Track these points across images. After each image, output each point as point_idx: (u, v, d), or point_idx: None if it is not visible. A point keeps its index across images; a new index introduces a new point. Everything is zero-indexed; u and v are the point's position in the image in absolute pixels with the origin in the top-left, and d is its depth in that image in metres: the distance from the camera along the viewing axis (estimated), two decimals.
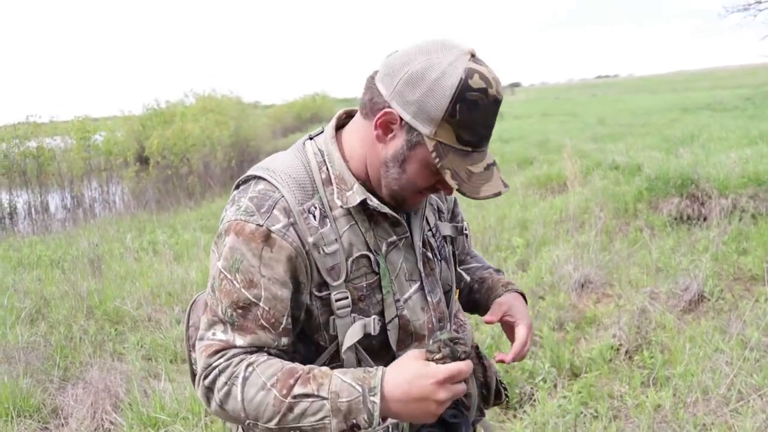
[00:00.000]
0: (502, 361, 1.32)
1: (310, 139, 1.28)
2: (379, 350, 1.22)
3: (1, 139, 13.99)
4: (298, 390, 1.09)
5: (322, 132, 1.28)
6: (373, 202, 1.18)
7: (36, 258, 7.29)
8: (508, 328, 1.39)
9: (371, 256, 1.20)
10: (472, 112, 1.08)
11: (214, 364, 1.14)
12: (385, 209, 1.20)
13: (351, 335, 1.18)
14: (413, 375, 1.08)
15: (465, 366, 1.10)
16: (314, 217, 1.16)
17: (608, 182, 7.63)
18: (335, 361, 1.21)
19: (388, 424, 1.21)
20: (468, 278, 1.52)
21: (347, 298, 1.18)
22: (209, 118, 17.78)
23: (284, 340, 1.17)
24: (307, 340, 1.24)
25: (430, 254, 1.32)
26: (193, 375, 1.44)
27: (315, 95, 43.50)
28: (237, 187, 1.25)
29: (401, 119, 1.12)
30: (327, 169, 1.21)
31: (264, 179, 1.19)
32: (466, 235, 1.50)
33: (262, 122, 24.01)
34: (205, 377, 1.14)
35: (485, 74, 1.09)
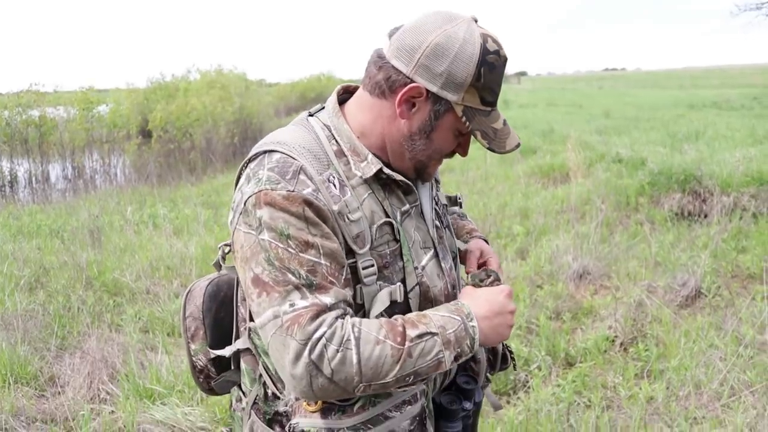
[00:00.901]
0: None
1: (310, 115, 1.28)
2: None
3: (4, 107, 13.95)
4: (411, 333, 1.10)
5: (322, 109, 1.28)
6: (388, 170, 1.20)
7: (36, 227, 7.29)
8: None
9: (394, 223, 1.21)
10: (492, 73, 1.14)
11: (317, 335, 1.05)
12: (399, 176, 1.22)
13: (379, 302, 1.17)
14: (487, 295, 1.23)
15: (508, 286, 1.27)
16: (334, 186, 1.15)
17: (611, 175, 7.63)
18: None
19: (418, 389, 1.24)
20: None
21: (373, 265, 1.17)
22: (213, 94, 17.70)
23: (350, 293, 1.14)
24: None
25: (438, 222, 1.36)
26: (193, 366, 1.43)
27: (320, 75, 43.33)
28: (245, 165, 1.20)
29: (427, 92, 1.14)
30: (336, 141, 1.21)
31: (277, 151, 1.16)
32: (460, 204, 1.56)
33: (266, 100, 23.90)
34: (311, 351, 1.04)
35: (494, 37, 1.16)
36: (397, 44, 1.16)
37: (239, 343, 1.32)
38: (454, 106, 1.15)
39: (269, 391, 1.27)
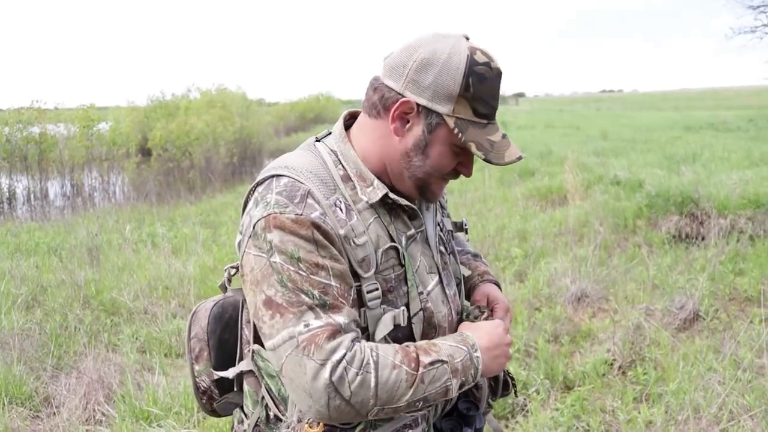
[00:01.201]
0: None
1: (317, 141, 1.30)
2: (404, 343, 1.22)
3: (5, 123, 13.99)
4: (425, 359, 1.14)
5: (329, 134, 1.30)
6: (393, 195, 1.22)
7: (34, 244, 7.29)
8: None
9: (399, 248, 1.22)
10: (483, 83, 1.16)
11: (336, 357, 1.06)
12: (405, 201, 1.23)
13: (383, 326, 1.19)
14: (487, 328, 1.28)
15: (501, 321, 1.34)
16: (341, 210, 1.17)
17: (609, 197, 7.65)
18: None
19: (421, 414, 1.24)
20: None
21: (378, 289, 1.18)
22: (213, 113, 17.78)
23: (356, 313, 1.16)
24: None
25: (443, 248, 1.37)
26: (197, 387, 1.43)
27: (319, 95, 43.58)
28: (253, 190, 1.22)
29: (418, 106, 1.17)
30: (343, 166, 1.23)
31: (285, 176, 1.17)
32: (466, 230, 1.56)
33: (265, 120, 24.01)
34: (332, 373, 1.06)
35: (485, 50, 1.18)
36: (389, 64, 1.20)
37: (242, 365, 1.33)
38: (446, 118, 1.16)
39: (271, 414, 1.28)
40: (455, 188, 10.08)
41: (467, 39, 1.19)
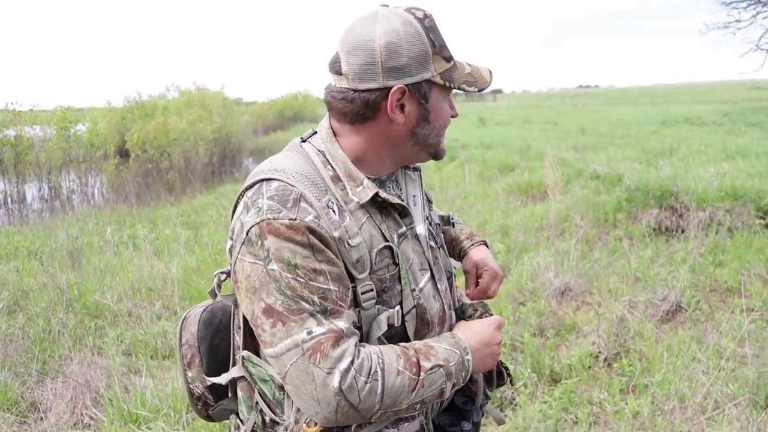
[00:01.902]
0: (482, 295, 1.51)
1: (303, 141, 1.29)
2: (397, 341, 1.23)
3: None
4: (425, 364, 1.15)
5: (314, 134, 1.30)
6: (384, 194, 1.22)
7: (13, 249, 7.20)
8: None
9: (393, 247, 1.23)
10: (436, 33, 1.21)
11: (344, 366, 1.07)
12: (395, 199, 1.24)
13: (377, 327, 1.19)
14: (478, 328, 1.31)
15: (499, 317, 1.36)
16: (334, 211, 1.16)
17: (589, 192, 7.72)
18: None
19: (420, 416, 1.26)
20: None
21: (372, 290, 1.18)
22: (192, 113, 17.65)
23: (355, 315, 1.17)
24: None
25: (433, 243, 1.38)
26: (191, 393, 1.43)
27: (297, 94, 43.43)
28: (242, 194, 1.20)
29: (407, 87, 1.18)
30: (332, 167, 1.23)
31: (275, 179, 1.16)
32: (453, 224, 1.60)
33: (244, 119, 23.88)
34: (341, 381, 1.07)
35: (413, 6, 1.22)
36: (352, 72, 1.18)
37: (234, 371, 1.32)
38: (433, 80, 1.20)
39: (267, 418, 1.27)
40: (435, 185, 10.12)
41: (387, 6, 1.22)
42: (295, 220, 1.10)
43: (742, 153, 9.91)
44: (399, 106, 1.20)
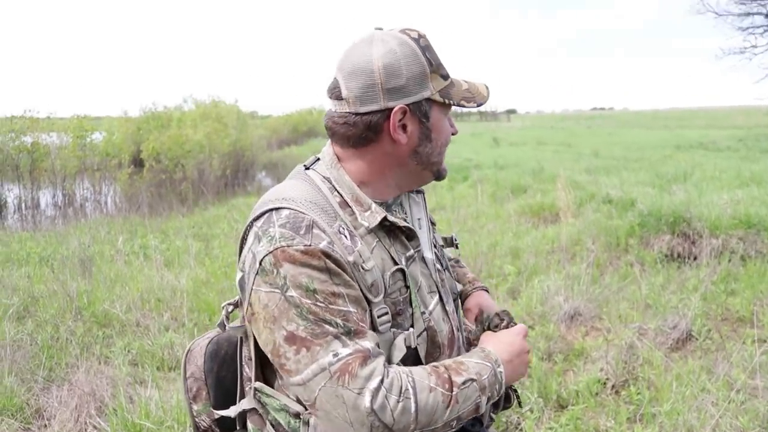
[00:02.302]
0: None
1: (306, 168, 1.30)
2: (410, 365, 1.21)
3: None
4: (457, 380, 1.15)
5: (317, 160, 1.30)
6: (392, 217, 1.22)
7: (25, 254, 7.25)
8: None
9: (405, 270, 1.23)
10: (432, 51, 1.23)
11: (374, 385, 1.06)
12: (403, 222, 1.24)
13: (397, 350, 1.19)
14: (507, 339, 1.30)
15: (524, 325, 1.36)
16: (345, 237, 1.16)
17: (601, 215, 7.68)
18: None
19: None
20: None
21: (387, 313, 1.18)
22: (207, 125, 17.78)
23: (376, 336, 1.16)
24: None
25: (439, 265, 1.38)
26: (197, 427, 1.41)
27: (312, 109, 43.62)
28: (251, 224, 1.20)
29: (408, 107, 1.19)
30: (339, 193, 1.23)
31: (285, 208, 1.16)
32: (456, 245, 1.58)
33: (258, 133, 24.02)
34: (372, 401, 1.06)
35: (407, 27, 1.24)
36: (352, 95, 1.19)
37: (245, 403, 1.31)
38: (432, 98, 1.22)
39: None
40: (447, 204, 10.12)
41: (382, 29, 1.25)
42: (309, 245, 1.10)
43: (757, 180, 9.84)
44: (401, 126, 1.21)
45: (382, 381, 1.07)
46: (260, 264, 1.11)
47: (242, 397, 1.34)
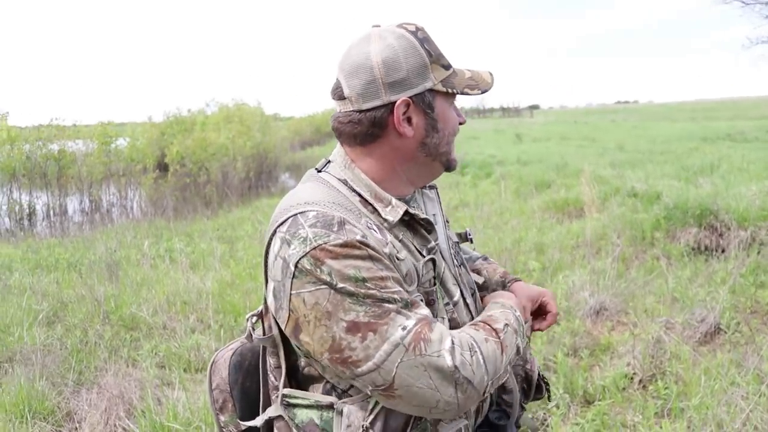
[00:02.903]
0: (539, 329, 1.49)
1: (318, 171, 1.30)
2: None
3: (25, 141, 14.20)
4: (497, 326, 1.21)
5: (328, 163, 1.30)
6: (412, 210, 1.23)
7: (54, 260, 7.37)
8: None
9: (436, 259, 1.25)
10: (431, 43, 1.23)
11: (448, 345, 1.09)
12: (423, 215, 1.24)
13: None
14: (506, 293, 1.42)
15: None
16: (375, 230, 1.16)
17: (626, 209, 7.61)
18: None
19: (461, 425, 1.24)
20: None
21: (422, 301, 1.19)
22: (231, 128, 17.92)
23: None
24: None
25: (456, 260, 1.38)
26: None
27: (334, 109, 43.73)
28: (274, 232, 1.17)
29: (411, 99, 1.20)
30: (357, 193, 1.23)
31: (310, 210, 1.14)
32: (471, 240, 1.58)
33: (281, 134, 24.16)
34: (452, 358, 1.08)
35: (404, 22, 1.25)
36: (354, 93, 1.20)
37: (271, 411, 1.29)
38: (435, 88, 1.22)
39: None
40: (471, 201, 10.08)
41: (379, 26, 1.25)
42: (347, 239, 1.09)
43: None
44: (406, 119, 1.21)
45: (452, 340, 1.10)
46: (296, 267, 1.09)
47: (267, 406, 1.33)
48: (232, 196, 14.08)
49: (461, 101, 1.35)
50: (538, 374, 1.50)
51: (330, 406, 1.20)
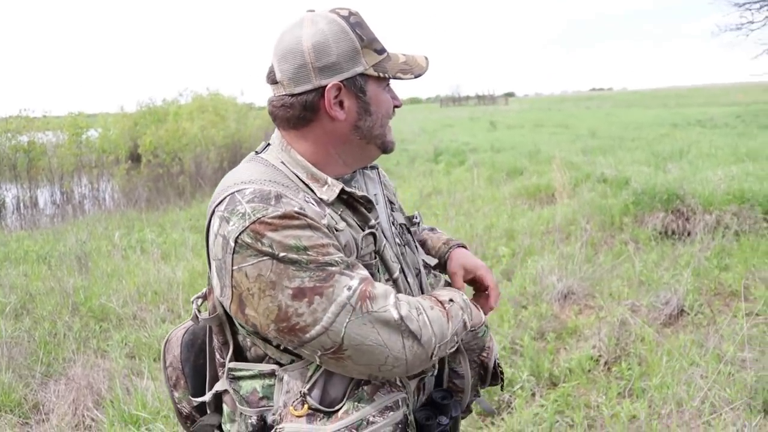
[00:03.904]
0: (490, 309, 1.49)
1: (257, 154, 1.31)
2: None
3: None
4: (443, 299, 1.26)
5: (267, 146, 1.33)
6: (349, 189, 1.25)
7: (23, 253, 7.28)
8: (472, 282, 1.55)
9: (376, 233, 1.27)
10: (364, 28, 1.25)
11: (392, 300, 1.14)
12: (361, 193, 1.27)
13: None
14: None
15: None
16: (313, 204, 1.18)
17: (596, 195, 7.70)
18: None
19: (399, 397, 1.24)
20: None
21: None
22: (205, 118, 17.74)
23: None
24: None
25: (398, 240, 1.41)
26: (179, 412, 1.44)
27: None
28: (213, 212, 1.17)
29: (342, 83, 1.22)
30: (294, 174, 1.25)
31: (247, 188, 1.15)
32: (418, 224, 1.61)
33: (256, 124, 23.99)
34: (398, 310, 1.13)
35: (339, 7, 1.26)
36: (286, 77, 1.22)
37: (218, 386, 1.32)
38: (366, 72, 1.23)
39: (251, 422, 1.25)
40: (444, 188, 10.11)
41: (314, 11, 1.26)
42: (285, 211, 1.10)
43: (753, 156, 9.83)
44: (338, 103, 1.23)
45: (396, 296, 1.15)
46: (236, 242, 1.10)
47: (215, 383, 1.35)
48: (205, 186, 13.97)
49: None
50: (495, 363, 1.53)
51: (272, 374, 1.22)
